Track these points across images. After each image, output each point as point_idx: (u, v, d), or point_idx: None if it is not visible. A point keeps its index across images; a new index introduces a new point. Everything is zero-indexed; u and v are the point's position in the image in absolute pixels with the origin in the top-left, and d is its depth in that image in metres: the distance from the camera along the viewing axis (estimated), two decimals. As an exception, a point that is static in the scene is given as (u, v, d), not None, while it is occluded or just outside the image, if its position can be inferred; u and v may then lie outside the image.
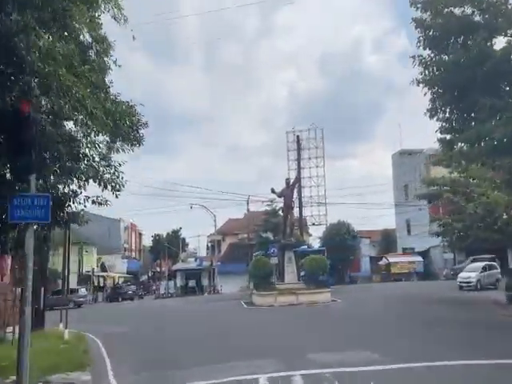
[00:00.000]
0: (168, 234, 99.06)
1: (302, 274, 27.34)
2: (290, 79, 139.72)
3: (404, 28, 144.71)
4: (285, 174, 41.05)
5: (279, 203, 44.47)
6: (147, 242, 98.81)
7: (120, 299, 48.05)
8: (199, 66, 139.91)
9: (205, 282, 51.49)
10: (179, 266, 54.73)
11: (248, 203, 55.02)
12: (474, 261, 32.36)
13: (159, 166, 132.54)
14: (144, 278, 76.84)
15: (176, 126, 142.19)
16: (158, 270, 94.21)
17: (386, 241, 60.86)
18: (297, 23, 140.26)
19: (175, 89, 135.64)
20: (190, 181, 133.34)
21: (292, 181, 29.03)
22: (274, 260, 26.06)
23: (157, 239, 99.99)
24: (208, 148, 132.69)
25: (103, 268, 60.84)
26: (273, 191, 28.09)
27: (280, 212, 42.50)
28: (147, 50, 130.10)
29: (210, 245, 74.66)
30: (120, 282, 59.56)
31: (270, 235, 41.30)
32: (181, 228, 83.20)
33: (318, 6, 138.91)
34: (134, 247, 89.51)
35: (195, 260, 53.17)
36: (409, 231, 55.50)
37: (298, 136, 51.20)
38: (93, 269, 50.61)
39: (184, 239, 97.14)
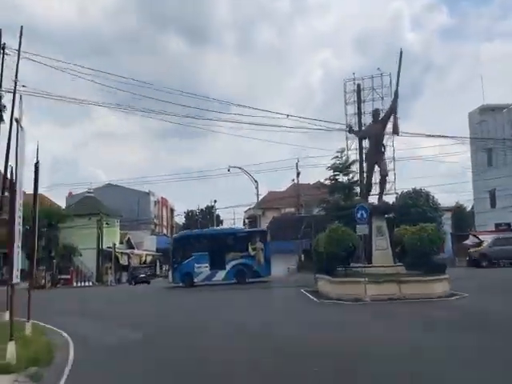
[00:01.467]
0: (202, 209, 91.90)
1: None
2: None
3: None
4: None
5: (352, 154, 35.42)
6: (179, 219, 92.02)
7: (133, 283, 40.78)
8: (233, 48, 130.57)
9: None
10: None
11: (297, 167, 46.17)
12: None
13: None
14: (176, 256, 69.68)
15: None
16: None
17: (457, 217, 50.83)
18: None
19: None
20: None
21: (385, 111, 19.33)
22: (363, 229, 17.13)
23: (189, 215, 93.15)
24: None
25: (130, 244, 53.69)
26: (351, 130, 19.40)
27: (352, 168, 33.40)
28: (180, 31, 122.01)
29: (247, 221, 66.45)
30: (148, 261, 52.35)
31: (339, 200, 32.37)
32: (215, 201, 74.68)
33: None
34: (165, 223, 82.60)
35: None
36: (493, 204, 45.48)
37: (358, 85, 41.77)
38: (114, 244, 43.21)
39: (218, 216, 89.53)
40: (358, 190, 33.63)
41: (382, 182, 18.65)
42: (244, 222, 69.91)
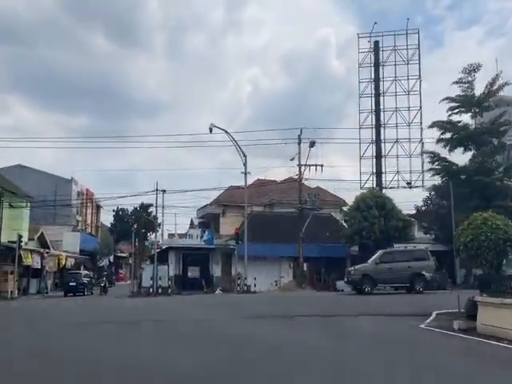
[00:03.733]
0: (135, 208, 76.93)
1: None
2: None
3: None
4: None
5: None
6: (104, 218, 76.43)
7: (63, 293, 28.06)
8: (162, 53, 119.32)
9: (216, 270, 30.67)
10: (173, 241, 33.34)
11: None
12: None
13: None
14: (103, 262, 54.77)
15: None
16: (124, 254, 72.31)
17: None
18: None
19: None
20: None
21: None
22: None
23: (119, 215, 77.69)
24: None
25: (43, 242, 38.60)
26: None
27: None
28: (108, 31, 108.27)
29: (197, 222, 53.28)
30: (70, 264, 37.83)
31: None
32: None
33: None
34: (88, 222, 66.83)
35: (202, 235, 31.82)
36: None
37: (376, 42, 31.91)
38: (20, 237, 28.55)
39: (155, 217, 75.17)
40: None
41: None
42: (192, 225, 55.95)
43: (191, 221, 57.09)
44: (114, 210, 73.59)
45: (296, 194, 40.52)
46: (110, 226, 74.66)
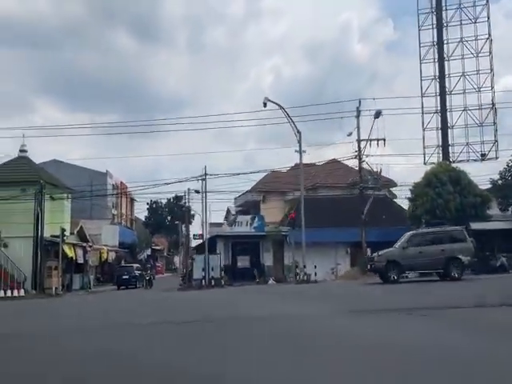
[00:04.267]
0: (169, 200, 75.82)
1: None
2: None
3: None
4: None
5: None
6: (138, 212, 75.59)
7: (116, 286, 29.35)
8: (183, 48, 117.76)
9: (267, 259, 28.70)
10: (221, 230, 31.36)
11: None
12: None
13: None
14: (142, 255, 53.62)
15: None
16: (159, 247, 71.33)
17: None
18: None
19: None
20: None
21: None
22: None
23: (153, 207, 76.72)
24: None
25: (82, 237, 37.42)
26: None
27: None
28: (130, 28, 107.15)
29: (235, 211, 51.16)
30: (111, 259, 36.57)
31: None
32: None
33: None
34: (124, 215, 65.98)
35: (252, 222, 29.66)
36: None
37: (438, 0, 28.90)
38: (63, 231, 27.18)
39: (189, 208, 73.74)
40: None
41: None
42: (227, 215, 53.77)
43: (227, 210, 55.11)
44: (147, 203, 72.70)
45: (341, 175, 38.22)
46: (144, 219, 73.76)
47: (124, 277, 30.78)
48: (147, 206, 72.67)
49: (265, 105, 23.88)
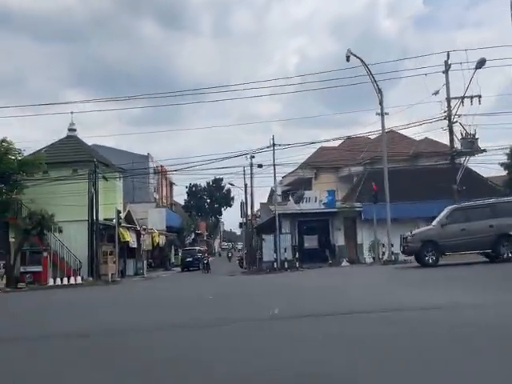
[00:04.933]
0: (208, 184, 74.04)
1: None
2: None
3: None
4: None
5: None
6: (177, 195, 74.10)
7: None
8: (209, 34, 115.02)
9: (339, 238, 26.16)
10: (287, 207, 28.79)
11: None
12: None
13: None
14: (188, 240, 51.91)
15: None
16: (200, 231, 69.71)
17: None
18: None
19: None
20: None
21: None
22: None
23: (193, 191, 75.08)
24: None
25: (130, 220, 35.66)
26: None
27: None
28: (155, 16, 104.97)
29: (280, 191, 48.59)
30: (162, 243, 34.76)
31: None
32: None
33: None
34: (164, 199, 64.44)
35: (321, 197, 27.03)
36: None
37: None
38: (118, 212, 25.30)
39: (229, 190, 71.90)
40: None
41: None
42: (271, 193, 50.99)
43: (271, 190, 52.46)
44: (186, 187, 71.09)
45: (398, 146, 35.20)
46: (183, 203, 72.27)
47: (188, 259, 31.66)
48: (186, 190, 71.19)
49: (347, 58, 21.09)
